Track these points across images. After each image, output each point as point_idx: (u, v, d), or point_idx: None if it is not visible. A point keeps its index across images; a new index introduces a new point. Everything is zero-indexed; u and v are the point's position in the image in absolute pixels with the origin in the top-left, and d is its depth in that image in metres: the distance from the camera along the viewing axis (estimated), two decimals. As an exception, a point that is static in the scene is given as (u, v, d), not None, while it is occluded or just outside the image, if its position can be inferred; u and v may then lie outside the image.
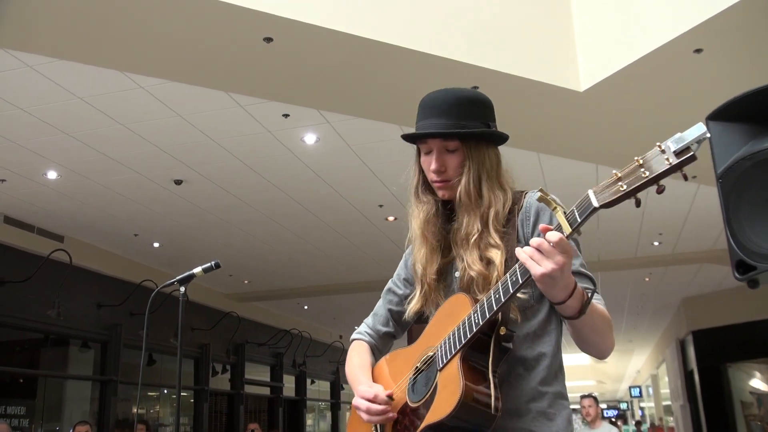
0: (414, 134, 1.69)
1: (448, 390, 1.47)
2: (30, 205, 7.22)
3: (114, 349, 8.91)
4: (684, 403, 14.66)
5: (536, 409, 1.53)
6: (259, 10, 3.80)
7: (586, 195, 1.29)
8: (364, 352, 1.88)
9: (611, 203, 1.25)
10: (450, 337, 1.53)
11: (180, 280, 2.60)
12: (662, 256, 9.83)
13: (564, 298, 1.40)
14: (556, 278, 1.35)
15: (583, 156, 5.96)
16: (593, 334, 1.51)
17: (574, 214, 1.31)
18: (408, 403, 1.62)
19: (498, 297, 1.43)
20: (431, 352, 1.60)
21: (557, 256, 1.32)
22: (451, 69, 4.31)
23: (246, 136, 5.72)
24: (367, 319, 1.96)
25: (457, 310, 1.56)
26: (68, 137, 5.61)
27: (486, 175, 1.64)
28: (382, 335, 1.91)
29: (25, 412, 7.91)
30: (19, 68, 4.54)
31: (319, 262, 9.99)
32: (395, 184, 6.87)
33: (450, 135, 1.64)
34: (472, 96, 1.71)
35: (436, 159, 1.67)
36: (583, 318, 1.44)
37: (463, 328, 1.49)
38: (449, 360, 1.51)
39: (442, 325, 1.60)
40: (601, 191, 1.27)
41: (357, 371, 1.81)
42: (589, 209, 1.28)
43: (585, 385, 29.24)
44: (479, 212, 1.62)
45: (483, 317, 1.45)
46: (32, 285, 7.41)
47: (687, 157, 1.18)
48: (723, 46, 4.11)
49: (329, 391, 16.83)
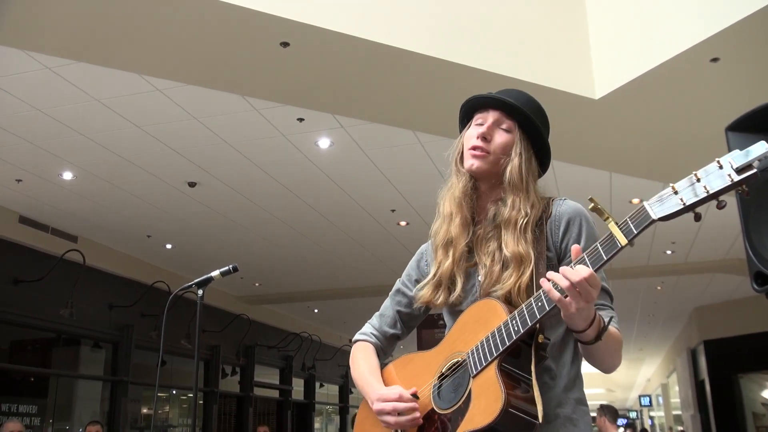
0: (483, 96, 1.69)
1: (487, 397, 1.43)
2: (45, 205, 7.27)
3: (125, 349, 8.95)
4: (695, 413, 14.56)
5: (563, 414, 1.53)
6: (276, 15, 3.82)
7: (642, 207, 1.28)
8: (371, 354, 1.82)
9: (670, 216, 1.25)
10: (484, 343, 1.49)
11: (198, 283, 2.60)
12: (675, 265, 9.76)
13: (584, 328, 1.41)
14: (582, 311, 1.36)
15: (597, 164, 5.94)
16: (604, 355, 1.53)
17: (628, 225, 1.29)
18: (435, 410, 1.57)
19: (541, 305, 1.41)
20: (458, 358, 1.56)
21: (591, 293, 1.33)
22: (467, 75, 4.31)
23: (260, 140, 5.74)
24: (372, 320, 1.91)
25: (488, 316, 1.53)
26: (84, 138, 5.65)
27: (532, 175, 1.64)
28: (388, 337, 1.87)
29: (37, 410, 7.95)
30: (38, 70, 4.58)
31: (331, 266, 10.00)
32: (408, 189, 6.88)
33: (516, 110, 1.64)
34: (541, 105, 1.73)
35: (488, 126, 1.65)
36: (598, 343, 1.45)
37: (500, 334, 1.46)
38: (484, 367, 1.47)
39: (469, 330, 1.56)
40: (657, 204, 1.26)
41: (367, 375, 1.74)
42: (647, 221, 1.27)
43: (594, 393, 29.13)
44: (527, 204, 1.60)
45: (524, 325, 1.43)
46: (45, 284, 7.46)
47: (749, 174, 1.16)
48: (740, 55, 4.09)
49: (338, 394, 16.82)
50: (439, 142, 5.44)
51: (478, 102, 1.71)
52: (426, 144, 5.74)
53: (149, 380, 9.63)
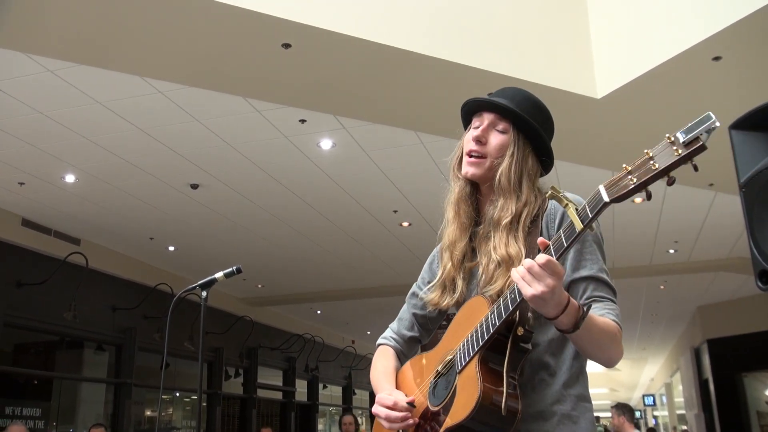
0: (476, 99, 1.72)
1: (466, 392, 1.46)
2: (48, 208, 7.28)
3: (128, 352, 8.95)
4: (699, 413, 14.54)
5: (560, 411, 1.53)
6: (277, 16, 3.82)
7: (597, 190, 1.28)
8: (389, 357, 1.86)
9: (621, 197, 1.25)
10: (468, 339, 1.53)
11: (202, 284, 2.59)
12: (677, 264, 9.75)
13: (555, 315, 1.39)
14: (546, 299, 1.35)
15: (599, 163, 5.93)
16: (590, 347, 1.50)
17: (585, 210, 1.30)
18: (429, 407, 1.62)
19: (514, 297, 1.42)
20: (451, 356, 1.59)
21: (547, 279, 1.33)
22: (468, 75, 4.31)
23: (262, 141, 5.75)
24: (392, 323, 1.95)
25: (476, 312, 1.56)
26: (87, 141, 5.66)
27: (527, 174, 1.67)
28: (407, 339, 1.90)
29: (40, 413, 7.96)
30: (40, 72, 4.59)
31: (333, 267, 10.00)
32: (410, 190, 6.88)
33: (506, 111, 1.67)
34: (540, 102, 1.75)
35: (482, 129, 1.69)
36: (578, 332, 1.42)
37: (480, 329, 1.49)
38: (468, 362, 1.50)
39: (461, 327, 1.60)
40: (611, 186, 1.27)
41: (380, 377, 1.80)
42: (600, 204, 1.27)
43: (598, 393, 29.08)
44: (515, 203, 1.63)
45: (500, 318, 1.45)
46: (48, 287, 7.47)
47: (697, 147, 1.16)
48: (742, 54, 4.08)
49: (341, 396, 16.82)
50: (441, 142, 5.44)
51: (474, 105, 1.74)
52: (428, 144, 5.74)
53: (152, 382, 9.64)
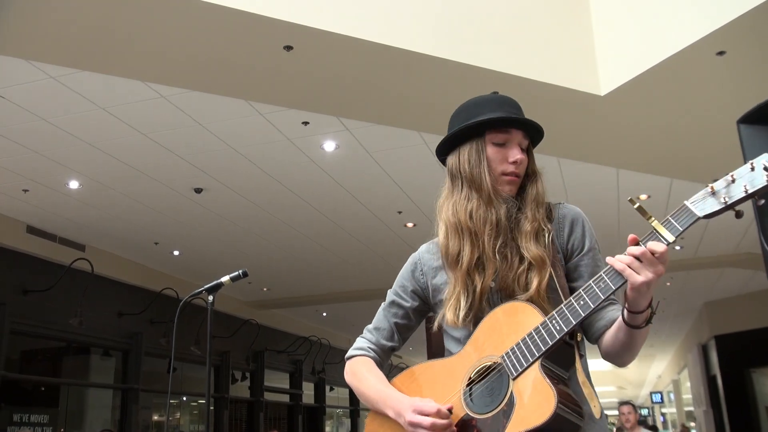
0: (513, 118, 1.67)
1: (536, 397, 1.44)
2: (52, 214, 7.29)
3: (135, 357, 8.96)
4: (707, 409, 14.49)
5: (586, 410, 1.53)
6: (279, 18, 3.81)
7: (684, 205, 1.35)
8: (375, 367, 1.78)
9: (714, 214, 1.33)
10: (521, 345, 1.50)
11: (208, 288, 2.57)
12: (683, 260, 9.72)
13: (646, 306, 1.44)
14: (652, 286, 1.39)
15: (603, 160, 5.92)
16: (639, 344, 1.55)
17: (671, 223, 1.36)
18: (470, 415, 1.54)
19: (584, 303, 1.43)
20: (489, 362, 1.55)
21: (659, 266, 1.37)
22: (471, 75, 4.30)
23: (266, 144, 5.74)
24: (365, 334, 1.86)
25: (519, 318, 1.53)
26: (90, 147, 5.66)
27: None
28: (386, 350, 1.83)
29: (48, 420, 7.97)
30: (42, 79, 4.59)
31: (338, 269, 9.99)
32: (414, 191, 6.87)
33: (538, 131, 1.70)
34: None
35: (520, 151, 1.67)
36: (643, 329, 1.48)
37: (539, 335, 1.47)
38: (526, 368, 1.48)
39: (498, 333, 1.56)
40: (698, 202, 1.34)
41: (382, 387, 1.69)
42: (692, 219, 1.34)
43: (605, 391, 29.03)
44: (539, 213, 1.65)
45: (567, 324, 1.44)
46: (54, 294, 7.48)
47: None
48: (746, 49, 4.06)
49: (348, 398, 16.81)
50: (445, 142, 5.42)
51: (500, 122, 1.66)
52: (431, 144, 5.73)
53: (159, 387, 9.64)
